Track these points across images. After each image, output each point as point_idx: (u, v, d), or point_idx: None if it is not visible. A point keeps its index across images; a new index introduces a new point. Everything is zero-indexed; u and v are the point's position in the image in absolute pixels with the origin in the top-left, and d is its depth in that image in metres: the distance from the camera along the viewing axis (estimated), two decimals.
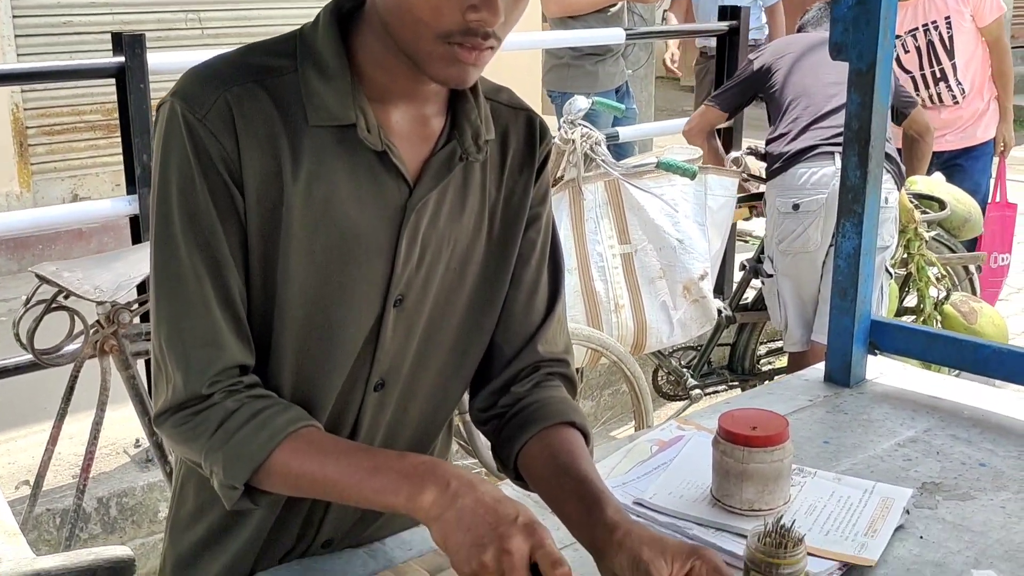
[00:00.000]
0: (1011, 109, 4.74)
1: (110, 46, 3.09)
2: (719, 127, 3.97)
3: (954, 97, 4.51)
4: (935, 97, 4.52)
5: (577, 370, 3.30)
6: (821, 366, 1.96)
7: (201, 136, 1.11)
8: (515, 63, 4.92)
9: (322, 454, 1.13)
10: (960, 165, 4.55)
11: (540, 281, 1.36)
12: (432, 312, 1.26)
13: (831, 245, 3.33)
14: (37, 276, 2.33)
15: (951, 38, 4.40)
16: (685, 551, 1.08)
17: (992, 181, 4.77)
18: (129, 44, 2.96)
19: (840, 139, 1.96)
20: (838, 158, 3.16)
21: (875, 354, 1.96)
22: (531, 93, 4.94)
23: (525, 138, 1.32)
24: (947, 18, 4.38)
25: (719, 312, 3.71)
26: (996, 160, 4.81)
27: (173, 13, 5.86)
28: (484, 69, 1.15)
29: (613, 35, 4.63)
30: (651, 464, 1.53)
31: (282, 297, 1.17)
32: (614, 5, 4.83)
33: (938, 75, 4.48)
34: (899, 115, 3.73)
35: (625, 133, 4.33)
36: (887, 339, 1.93)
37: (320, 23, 1.18)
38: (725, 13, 4.61)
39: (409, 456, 1.14)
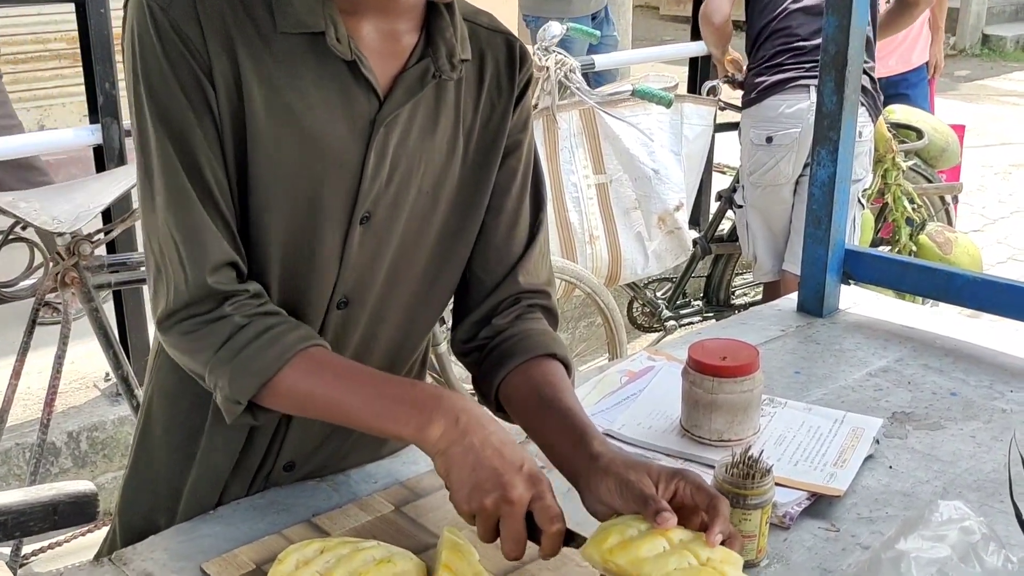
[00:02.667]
0: (943, 29, 4.70)
1: None
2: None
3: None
4: None
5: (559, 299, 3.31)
6: (795, 296, 1.94)
7: (167, 27, 1.07)
8: None
9: (332, 375, 1.12)
10: (905, 95, 4.51)
11: (521, 211, 1.32)
12: (404, 235, 1.23)
13: (802, 175, 3.31)
14: None
15: None
16: (668, 473, 1.08)
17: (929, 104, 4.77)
18: None
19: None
20: (814, 92, 3.11)
21: (848, 284, 1.94)
22: (508, 18, 4.84)
23: (504, 62, 1.28)
24: None
25: (694, 243, 3.70)
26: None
27: None
28: None
29: None
30: (620, 395, 1.52)
31: (255, 207, 1.14)
32: None
33: None
34: None
35: (601, 61, 4.26)
36: (861, 268, 1.91)
37: None
38: None
39: (420, 385, 1.13)
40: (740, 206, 3.55)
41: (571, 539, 1.06)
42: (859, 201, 3.40)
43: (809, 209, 1.86)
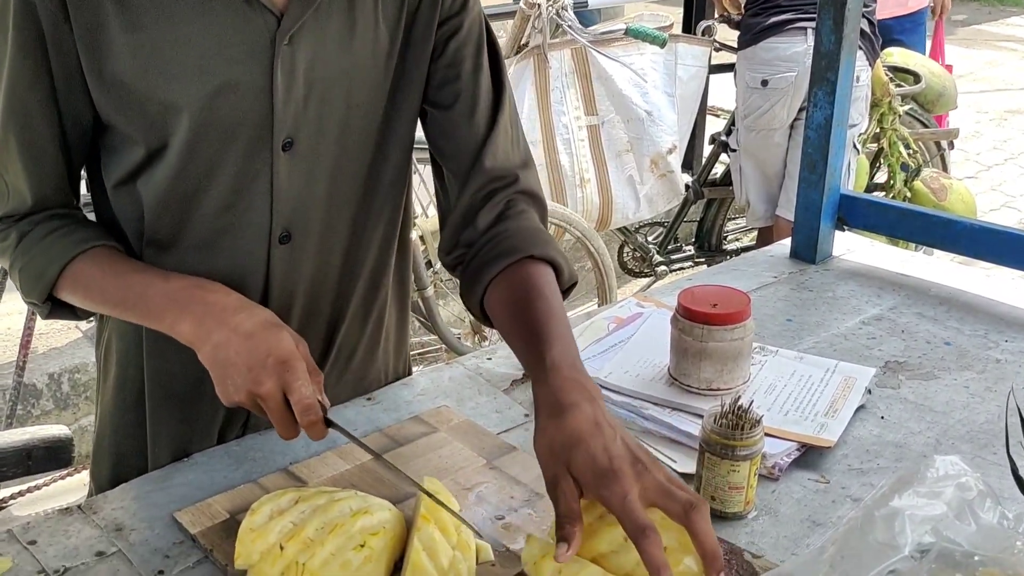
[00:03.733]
0: None
1: None
2: None
3: None
4: None
5: None
6: (788, 242, 1.90)
7: None
8: None
9: (107, 272, 1.14)
10: (899, 40, 4.43)
11: (478, 95, 1.25)
12: (338, 157, 1.18)
13: (797, 119, 3.25)
14: None
15: None
16: (597, 483, 0.94)
17: (929, 44, 4.68)
18: None
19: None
20: (812, 35, 3.04)
21: (843, 230, 1.90)
22: None
23: None
24: None
25: (687, 187, 3.64)
26: (933, 24, 4.72)
27: None
28: None
29: None
30: (608, 342, 1.48)
31: (160, 149, 1.13)
32: None
33: None
34: None
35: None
36: (855, 214, 1.86)
37: None
38: None
39: (174, 278, 1.12)
40: (734, 150, 3.50)
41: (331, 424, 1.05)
42: (854, 146, 3.35)
43: (804, 153, 1.81)
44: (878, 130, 3.79)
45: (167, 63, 1.08)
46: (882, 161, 3.92)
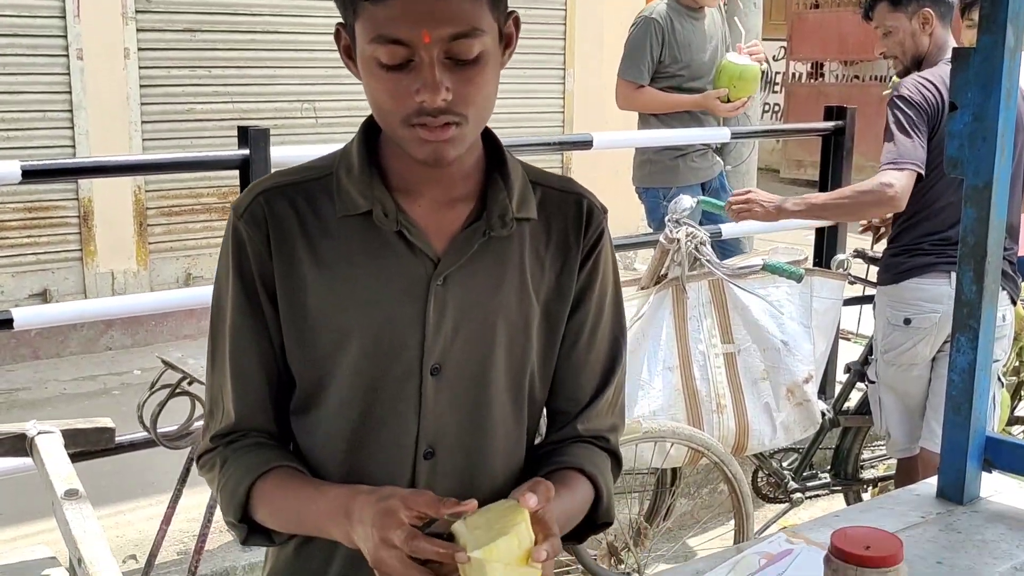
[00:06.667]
0: None
1: (228, 133, 3.25)
2: None
3: None
4: None
5: (675, 469, 3.30)
6: (934, 481, 1.92)
7: (240, 232, 1.30)
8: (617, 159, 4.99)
9: (285, 491, 1.29)
10: None
11: (587, 362, 1.42)
12: (480, 385, 1.35)
13: (940, 352, 3.24)
14: (163, 362, 2.43)
15: None
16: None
17: None
18: (255, 138, 3.11)
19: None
20: (954, 276, 3.05)
21: (990, 471, 1.92)
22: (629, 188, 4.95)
23: (572, 219, 1.39)
24: None
25: (823, 415, 3.65)
26: None
27: (289, 103, 6.12)
28: (464, 145, 1.27)
29: (717, 134, 4.65)
30: None
31: (332, 372, 1.32)
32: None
33: None
34: None
35: (729, 231, 4.32)
36: (1002, 456, 1.89)
37: (357, 132, 1.35)
38: (831, 113, 4.58)
39: (330, 492, 1.27)
40: (872, 381, 3.50)
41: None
42: (999, 379, 3.32)
43: (949, 395, 1.86)
44: (1017, 363, 3.77)
45: (342, 297, 1.30)
46: (1022, 393, 3.87)
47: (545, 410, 1.45)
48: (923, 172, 3.08)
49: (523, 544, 1.14)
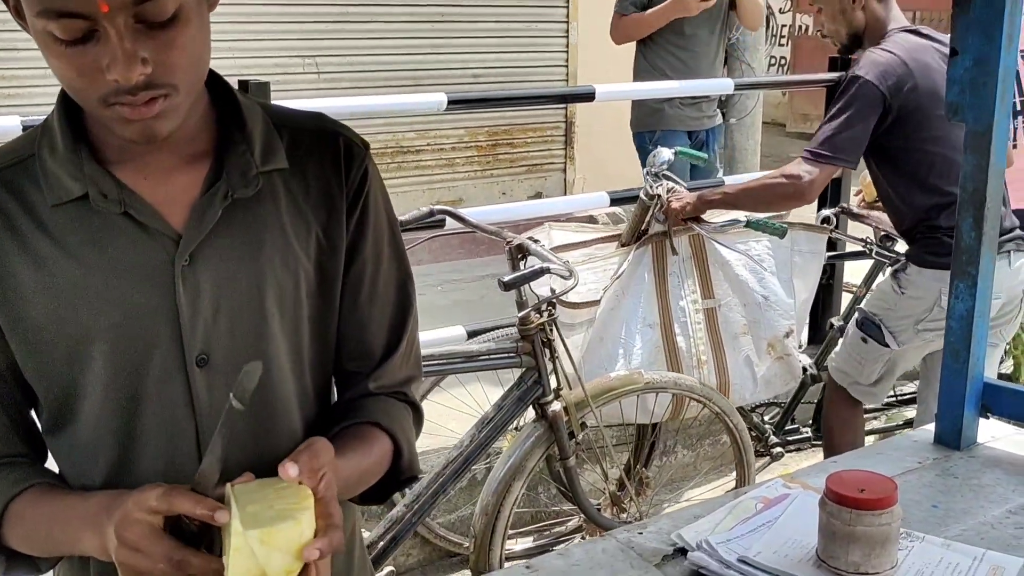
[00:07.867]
0: None
1: None
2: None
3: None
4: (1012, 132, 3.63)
5: (667, 420, 3.30)
6: (931, 427, 1.93)
7: None
8: (621, 112, 4.97)
9: (38, 507, 1.14)
10: None
11: (372, 317, 1.29)
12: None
13: None
14: None
15: None
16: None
17: None
18: (255, 92, 3.10)
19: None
20: (1014, 256, 3.03)
21: (987, 417, 1.93)
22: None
23: (330, 161, 1.23)
24: None
25: (804, 370, 3.65)
26: None
27: (291, 58, 6.08)
28: (180, 115, 1.10)
29: (720, 85, 4.63)
30: (756, 521, 1.54)
31: (78, 384, 1.15)
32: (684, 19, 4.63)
33: (1018, 107, 3.74)
34: None
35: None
36: (1000, 402, 1.89)
37: (56, 101, 1.15)
38: (835, 64, 4.53)
39: (92, 499, 1.12)
40: (886, 345, 3.34)
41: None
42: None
43: (947, 341, 1.86)
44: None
45: (70, 299, 1.12)
46: (1006, 353, 3.88)
47: (334, 377, 1.32)
48: (851, 166, 3.06)
49: (305, 534, 1.02)
